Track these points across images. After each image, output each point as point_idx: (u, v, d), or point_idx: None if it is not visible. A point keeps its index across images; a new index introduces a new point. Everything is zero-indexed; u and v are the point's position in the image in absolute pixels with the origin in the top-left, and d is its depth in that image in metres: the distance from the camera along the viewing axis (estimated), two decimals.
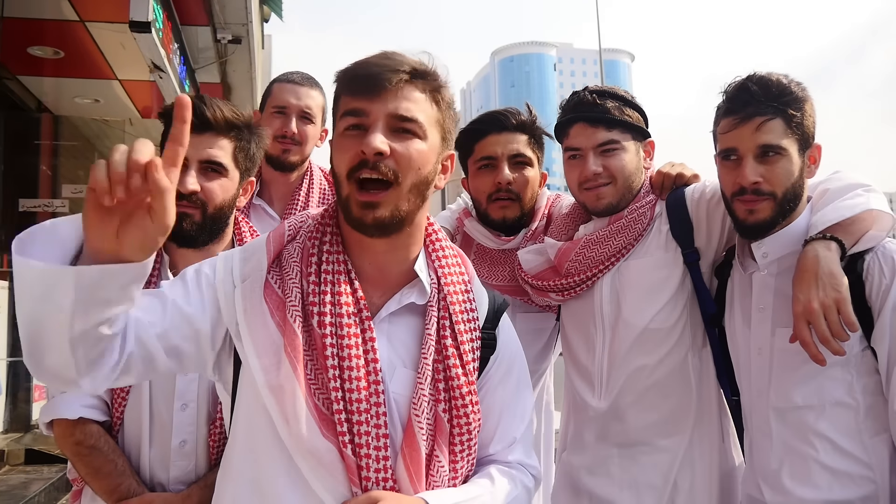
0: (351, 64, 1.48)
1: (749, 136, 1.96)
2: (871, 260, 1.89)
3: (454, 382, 1.48)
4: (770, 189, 1.96)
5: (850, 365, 1.89)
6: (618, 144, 2.24)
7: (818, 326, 1.79)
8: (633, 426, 2.27)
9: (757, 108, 1.95)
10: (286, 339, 1.41)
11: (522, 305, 2.52)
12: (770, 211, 1.97)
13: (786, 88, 1.95)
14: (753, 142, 1.95)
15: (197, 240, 2.03)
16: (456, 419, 1.48)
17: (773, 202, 1.97)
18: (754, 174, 1.95)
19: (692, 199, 2.28)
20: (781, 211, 1.98)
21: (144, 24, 5.24)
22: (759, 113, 1.95)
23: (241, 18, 7.62)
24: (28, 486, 6.51)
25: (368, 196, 1.42)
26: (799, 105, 1.96)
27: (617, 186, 2.26)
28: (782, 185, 1.96)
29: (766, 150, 1.95)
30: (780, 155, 1.95)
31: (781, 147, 1.94)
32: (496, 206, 2.48)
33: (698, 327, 2.28)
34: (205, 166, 2.01)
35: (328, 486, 1.39)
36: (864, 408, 1.89)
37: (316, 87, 2.90)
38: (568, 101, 2.35)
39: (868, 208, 1.91)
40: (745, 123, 1.96)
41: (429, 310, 1.53)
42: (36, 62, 7.38)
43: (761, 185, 1.95)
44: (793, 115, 1.94)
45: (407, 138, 1.44)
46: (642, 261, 2.28)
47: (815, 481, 1.92)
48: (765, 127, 1.94)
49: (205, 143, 2.01)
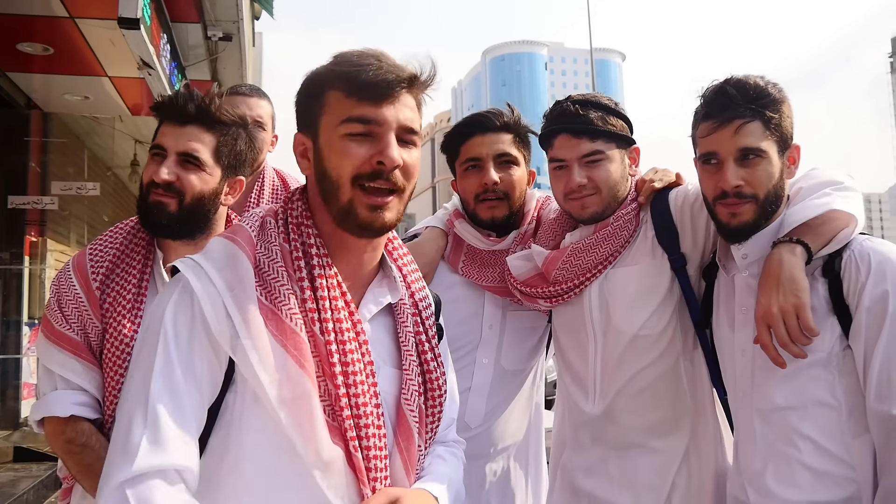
0: (345, 62, 1.45)
1: (728, 139, 1.96)
2: (848, 258, 1.90)
3: (431, 375, 1.56)
4: (752, 192, 1.96)
5: (832, 365, 1.90)
6: (602, 155, 2.24)
7: (777, 331, 1.84)
8: (627, 428, 2.28)
9: (735, 111, 1.95)
10: (292, 349, 1.37)
11: (513, 304, 2.53)
12: (753, 213, 1.98)
13: (763, 90, 1.95)
14: (733, 145, 1.95)
15: (173, 230, 2.05)
16: (431, 409, 1.56)
17: (755, 205, 1.97)
18: (735, 178, 1.95)
19: (675, 205, 2.28)
20: (764, 213, 1.99)
21: (133, 20, 5.23)
22: (738, 116, 1.95)
23: (232, 16, 7.61)
24: (16, 484, 6.50)
25: (377, 199, 1.43)
26: (776, 106, 1.96)
27: (602, 196, 2.26)
28: (764, 187, 1.96)
29: (746, 153, 1.95)
30: (761, 157, 1.95)
31: (761, 149, 1.94)
32: (484, 206, 2.48)
33: (689, 331, 2.28)
34: (182, 158, 2.03)
35: (341, 493, 1.39)
36: (847, 408, 1.89)
37: (265, 98, 3.08)
38: (551, 111, 2.34)
39: (831, 208, 1.92)
40: (724, 127, 1.96)
41: (403, 307, 1.58)
42: (25, 59, 7.35)
43: (743, 188, 1.96)
44: (771, 116, 1.94)
45: (409, 148, 1.47)
46: (630, 268, 2.28)
47: (798, 482, 1.92)
48: (743, 130, 1.94)
49: (185, 135, 2.04)
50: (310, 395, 1.36)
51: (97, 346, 2.02)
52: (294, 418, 1.35)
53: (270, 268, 1.42)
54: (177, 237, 2.07)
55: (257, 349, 1.34)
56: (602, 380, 2.30)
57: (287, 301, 1.39)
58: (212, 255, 1.43)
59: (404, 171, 1.44)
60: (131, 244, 2.09)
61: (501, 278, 2.49)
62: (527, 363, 2.60)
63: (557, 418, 2.59)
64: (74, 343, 2.00)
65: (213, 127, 2.07)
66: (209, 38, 7.82)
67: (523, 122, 2.51)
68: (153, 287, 2.06)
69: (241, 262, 1.40)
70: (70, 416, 1.95)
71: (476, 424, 2.45)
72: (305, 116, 1.50)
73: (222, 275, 1.39)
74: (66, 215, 9.94)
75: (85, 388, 1.99)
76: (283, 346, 1.36)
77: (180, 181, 2.02)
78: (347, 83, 1.43)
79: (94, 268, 2.04)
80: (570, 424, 2.46)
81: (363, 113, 1.42)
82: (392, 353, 1.55)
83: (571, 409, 2.43)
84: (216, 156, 2.08)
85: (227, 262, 1.41)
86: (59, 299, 2.03)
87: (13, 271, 8.56)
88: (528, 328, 2.58)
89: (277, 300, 1.39)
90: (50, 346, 2.00)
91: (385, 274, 1.60)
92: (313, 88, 1.49)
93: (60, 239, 10.09)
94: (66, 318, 2.01)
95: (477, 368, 2.47)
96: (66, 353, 1.99)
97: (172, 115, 2.06)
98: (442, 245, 2.60)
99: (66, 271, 2.06)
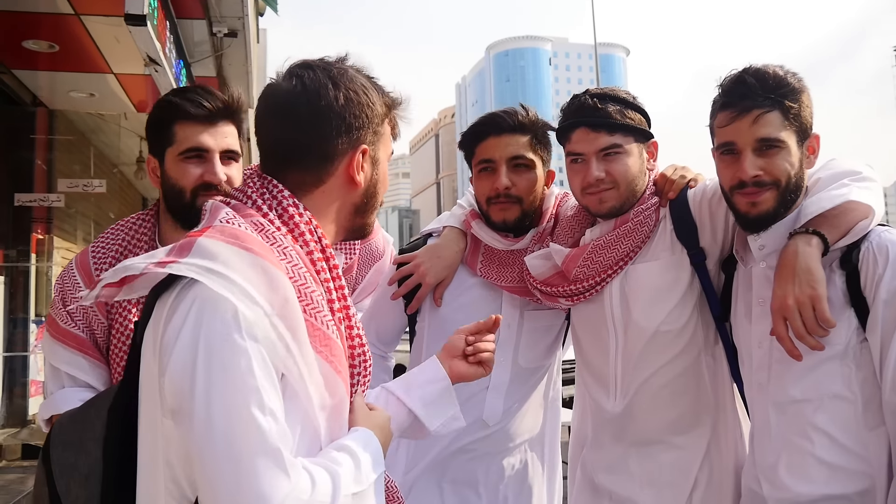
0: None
1: (747, 129, 1.94)
2: (866, 250, 1.88)
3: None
4: (772, 179, 1.94)
5: (849, 357, 1.88)
6: (620, 149, 2.21)
7: (793, 323, 1.82)
8: (648, 426, 2.28)
9: (754, 101, 1.92)
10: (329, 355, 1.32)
11: (531, 304, 2.52)
12: (773, 202, 1.96)
13: (782, 80, 1.93)
14: (752, 135, 1.93)
15: None
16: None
17: (775, 192, 1.95)
18: (753, 168, 1.93)
19: (694, 201, 2.27)
20: (784, 202, 1.97)
21: (140, 17, 5.22)
22: (757, 106, 1.92)
23: (237, 12, 7.60)
24: (25, 482, 6.52)
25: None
26: (796, 96, 1.94)
27: (620, 191, 2.24)
28: (784, 175, 1.94)
29: (765, 143, 1.93)
30: (779, 148, 1.93)
31: (780, 140, 1.92)
32: (496, 208, 2.44)
33: (710, 325, 2.27)
34: (224, 155, 2.08)
35: None
36: (863, 401, 1.88)
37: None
38: (569, 105, 2.32)
39: (848, 199, 1.90)
40: (743, 117, 1.94)
41: None
42: (31, 56, 7.36)
43: (762, 177, 1.94)
44: (790, 106, 1.92)
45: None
46: (650, 264, 2.26)
47: (811, 476, 1.91)
48: (762, 120, 1.92)
49: (221, 132, 2.07)
50: (344, 399, 1.37)
51: (103, 343, 2.04)
52: (329, 423, 1.34)
53: (296, 274, 1.31)
54: None
55: (308, 364, 1.27)
56: (623, 377, 2.28)
57: (319, 307, 1.33)
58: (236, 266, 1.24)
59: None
60: (134, 240, 2.11)
61: (520, 278, 2.47)
62: (544, 361, 2.59)
63: (577, 416, 2.58)
64: (80, 340, 2.01)
65: (234, 118, 2.11)
66: (214, 34, 7.81)
67: (541, 122, 2.47)
68: None
69: (278, 278, 1.26)
70: None
71: (494, 422, 2.45)
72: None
73: (265, 296, 1.23)
74: (72, 213, 9.96)
75: (92, 385, 2.00)
76: (320, 354, 1.30)
77: (229, 181, 2.06)
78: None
79: (97, 264, 2.06)
80: (590, 422, 2.45)
81: None
82: None
83: (591, 406, 2.42)
84: (239, 144, 2.14)
85: (262, 278, 1.24)
86: (64, 298, 2.04)
87: (20, 269, 8.58)
88: (546, 327, 2.57)
89: (310, 307, 1.30)
90: (56, 345, 2.02)
91: None
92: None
93: (67, 236, 10.12)
94: (72, 316, 2.02)
95: (495, 367, 2.43)
96: (73, 351, 2.01)
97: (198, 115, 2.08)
98: (462, 247, 2.56)
99: (69, 270, 2.08)
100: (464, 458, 2.46)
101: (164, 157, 2.09)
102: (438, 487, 2.47)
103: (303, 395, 1.27)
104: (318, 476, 1.21)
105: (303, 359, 1.26)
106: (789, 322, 1.83)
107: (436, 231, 2.66)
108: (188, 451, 1.17)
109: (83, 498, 1.46)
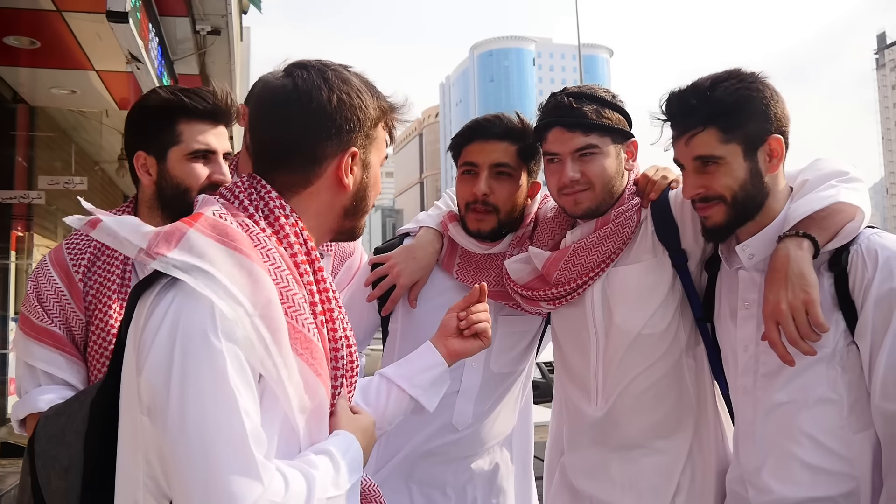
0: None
1: (683, 150, 1.97)
2: (855, 253, 1.86)
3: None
4: (714, 194, 1.95)
5: (836, 360, 1.87)
6: (596, 149, 2.18)
7: (786, 328, 1.79)
8: (630, 430, 2.25)
9: (684, 122, 1.95)
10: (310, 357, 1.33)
11: (505, 308, 2.48)
12: (723, 215, 1.96)
13: (718, 95, 1.92)
14: (689, 155, 1.96)
15: None
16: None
17: (723, 206, 1.95)
18: (693, 187, 1.97)
19: (676, 202, 2.25)
20: (737, 214, 1.97)
21: (122, 13, 5.19)
22: (689, 127, 1.94)
23: (221, 10, 7.58)
24: (4, 480, 6.47)
25: None
26: (730, 108, 1.92)
27: (596, 192, 2.20)
28: (728, 188, 1.94)
29: (702, 160, 1.94)
30: (717, 164, 1.93)
31: (716, 156, 1.92)
32: (472, 216, 2.40)
33: (691, 327, 2.25)
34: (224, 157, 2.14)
35: None
36: (849, 404, 1.87)
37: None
38: (546, 104, 2.28)
39: (837, 200, 1.88)
40: (680, 139, 1.98)
41: None
42: (12, 52, 7.29)
43: (703, 193, 1.96)
44: (728, 122, 1.91)
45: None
46: (631, 266, 2.24)
47: (796, 478, 1.90)
48: (693, 142, 1.94)
49: (223, 133, 2.12)
50: (324, 402, 1.37)
51: (81, 340, 2.02)
52: (308, 425, 1.35)
53: (278, 276, 1.32)
54: None
55: (287, 366, 1.27)
56: (605, 381, 2.25)
57: (301, 309, 1.33)
58: (220, 264, 1.24)
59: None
60: None
61: (497, 282, 2.43)
62: (516, 366, 2.55)
63: (555, 419, 2.55)
64: (56, 337, 2.00)
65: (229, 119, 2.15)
66: (197, 32, 7.78)
67: (531, 132, 2.39)
68: (136, 278, 2.06)
69: (261, 278, 1.27)
70: None
71: (464, 427, 2.41)
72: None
73: (247, 297, 1.24)
74: (52, 210, 9.88)
75: (70, 382, 1.98)
76: (301, 357, 1.30)
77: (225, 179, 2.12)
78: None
79: (74, 260, 2.04)
80: (569, 426, 2.42)
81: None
82: None
83: (571, 410, 2.39)
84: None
85: (244, 277, 1.25)
86: (39, 294, 2.02)
87: None
88: (520, 332, 2.54)
89: (291, 309, 1.31)
90: (30, 343, 2.00)
91: None
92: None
93: (47, 234, 10.05)
94: (48, 313, 2.00)
95: (466, 371, 2.41)
96: (49, 348, 1.99)
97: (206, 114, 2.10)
98: (438, 248, 2.51)
99: (43, 266, 2.06)
100: (432, 460, 2.43)
101: (165, 155, 2.08)
102: (406, 487, 2.43)
103: (281, 397, 1.28)
104: (292, 478, 1.21)
105: (282, 360, 1.26)
106: (782, 327, 1.80)
107: (412, 231, 2.61)
108: (162, 449, 1.18)
109: (63, 490, 1.47)
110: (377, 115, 1.51)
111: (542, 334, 2.63)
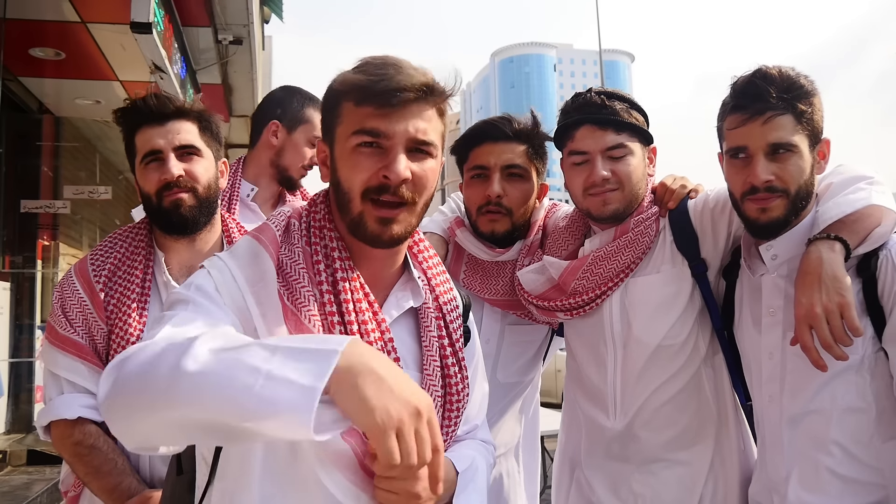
0: (357, 72, 1.43)
1: (758, 133, 1.87)
2: (885, 258, 1.83)
3: (452, 379, 1.52)
4: (783, 186, 1.88)
5: (864, 368, 1.83)
6: (626, 149, 2.14)
7: (821, 331, 1.72)
8: (651, 443, 2.20)
9: (766, 104, 1.85)
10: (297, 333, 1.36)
11: (511, 317, 2.45)
12: (783, 209, 1.90)
13: (794, 83, 1.86)
14: (763, 139, 1.86)
15: (197, 222, 2.12)
16: (449, 412, 1.53)
17: (786, 200, 1.89)
18: (766, 173, 1.87)
19: (696, 210, 2.20)
20: (794, 209, 1.91)
21: (146, 24, 5.26)
22: (769, 108, 1.85)
23: (243, 19, 7.63)
24: (30, 487, 6.52)
25: (386, 212, 1.41)
26: (808, 99, 1.88)
27: (624, 193, 2.16)
28: (795, 182, 1.88)
29: (777, 147, 1.86)
30: (791, 152, 1.86)
31: (792, 144, 1.86)
32: (485, 218, 2.37)
33: (710, 336, 2.21)
34: (180, 151, 2.10)
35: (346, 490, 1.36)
36: (877, 411, 1.83)
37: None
38: (572, 102, 2.23)
39: (869, 203, 1.84)
40: (754, 120, 1.87)
41: (426, 311, 1.55)
42: (37, 63, 7.38)
43: (773, 182, 1.88)
44: (803, 109, 1.86)
45: (423, 159, 1.43)
46: (651, 277, 2.19)
47: (825, 489, 1.86)
48: (774, 123, 1.85)
49: (172, 130, 2.10)
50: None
51: (103, 349, 2.05)
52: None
53: (292, 269, 1.42)
54: (195, 231, 2.14)
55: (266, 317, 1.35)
56: (623, 394, 2.20)
57: (307, 303, 1.38)
58: (237, 252, 1.45)
59: (415, 184, 1.41)
60: (132, 246, 2.14)
61: (506, 291, 2.39)
62: (523, 376, 2.52)
63: (565, 432, 2.50)
64: (79, 346, 2.02)
65: (188, 116, 2.14)
66: (219, 41, 7.84)
67: (541, 132, 2.39)
68: (155, 288, 2.11)
69: (263, 259, 1.42)
70: (77, 417, 1.96)
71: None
72: (325, 124, 1.51)
73: (244, 271, 1.40)
74: (78, 219, 9.98)
75: (91, 391, 2.00)
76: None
77: (188, 174, 2.10)
78: (358, 93, 1.40)
79: (96, 271, 2.08)
80: (586, 441, 2.36)
81: (373, 125, 1.39)
82: (415, 356, 1.53)
83: (586, 424, 2.34)
84: (204, 141, 2.17)
85: (251, 259, 1.42)
86: (63, 305, 2.06)
87: (26, 275, 8.59)
88: (527, 342, 2.51)
89: (297, 301, 1.38)
90: (55, 351, 2.03)
91: (408, 277, 1.58)
92: (330, 98, 1.48)
93: (73, 243, 10.13)
94: (71, 323, 2.04)
95: None
96: (72, 357, 2.02)
97: (150, 117, 2.11)
98: (442, 254, 2.47)
99: (68, 277, 2.10)
100: None
101: (134, 170, 2.17)
102: None
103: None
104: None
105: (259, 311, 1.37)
106: (816, 331, 1.73)
107: None
108: None
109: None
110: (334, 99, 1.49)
111: (548, 346, 2.58)
